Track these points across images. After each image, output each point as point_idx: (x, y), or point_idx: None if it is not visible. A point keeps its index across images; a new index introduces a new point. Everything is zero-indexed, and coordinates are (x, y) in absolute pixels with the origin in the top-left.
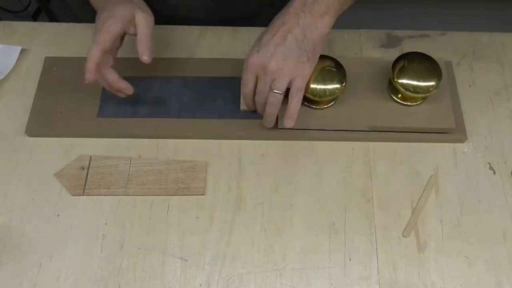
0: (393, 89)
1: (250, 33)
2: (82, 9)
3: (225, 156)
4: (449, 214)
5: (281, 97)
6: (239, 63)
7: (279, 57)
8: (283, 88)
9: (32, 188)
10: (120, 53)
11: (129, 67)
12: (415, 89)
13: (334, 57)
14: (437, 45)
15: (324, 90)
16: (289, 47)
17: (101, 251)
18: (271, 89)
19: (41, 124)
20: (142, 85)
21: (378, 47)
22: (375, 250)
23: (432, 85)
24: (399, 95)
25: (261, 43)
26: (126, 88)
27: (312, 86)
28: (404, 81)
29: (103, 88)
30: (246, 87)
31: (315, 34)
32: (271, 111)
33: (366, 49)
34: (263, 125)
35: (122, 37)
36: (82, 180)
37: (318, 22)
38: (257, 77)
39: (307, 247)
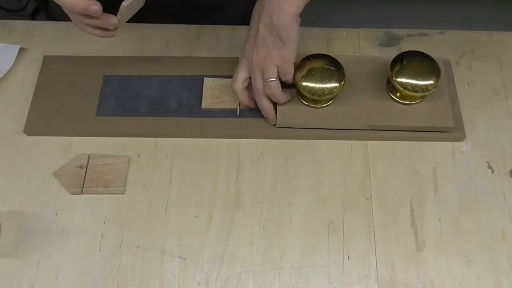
0: (391, 88)
1: None
2: None
3: (224, 154)
4: (447, 213)
5: (276, 83)
6: (238, 62)
7: (259, 47)
8: (274, 74)
9: (30, 187)
10: (120, 52)
11: (129, 66)
12: (414, 88)
13: (333, 56)
14: (435, 44)
15: (323, 89)
16: (263, 36)
17: (100, 250)
18: (264, 80)
19: (39, 123)
20: (141, 84)
21: (377, 45)
22: (374, 249)
23: (431, 84)
24: (398, 94)
25: (246, 39)
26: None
27: (311, 85)
28: (403, 80)
29: (102, 87)
30: (234, 82)
31: (282, 17)
32: (275, 100)
33: (365, 47)
34: (267, 123)
35: None
36: (81, 179)
37: (282, 3)
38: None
39: (306, 246)
